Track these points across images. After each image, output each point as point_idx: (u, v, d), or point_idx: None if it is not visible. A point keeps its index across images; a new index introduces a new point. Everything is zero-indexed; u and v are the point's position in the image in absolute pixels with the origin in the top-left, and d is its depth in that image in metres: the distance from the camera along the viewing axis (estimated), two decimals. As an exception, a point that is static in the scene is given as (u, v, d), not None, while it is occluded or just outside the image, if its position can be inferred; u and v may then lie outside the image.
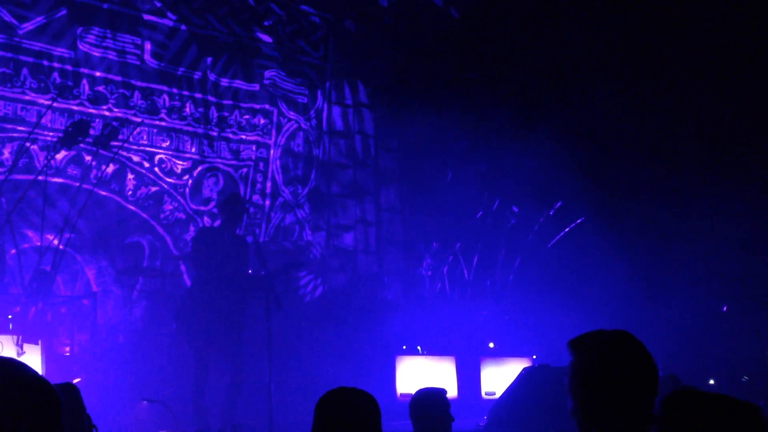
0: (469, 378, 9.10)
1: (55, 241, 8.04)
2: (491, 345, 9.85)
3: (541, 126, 10.47)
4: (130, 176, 9.46)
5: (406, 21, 11.48)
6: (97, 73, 9.38)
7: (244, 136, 10.49)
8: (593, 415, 1.97)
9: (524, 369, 7.68)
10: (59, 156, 8.77)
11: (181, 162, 9.94)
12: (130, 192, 9.44)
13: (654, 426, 1.87)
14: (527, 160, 10.35)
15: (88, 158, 8.91)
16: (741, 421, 1.86)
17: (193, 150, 10.08)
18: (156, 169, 9.70)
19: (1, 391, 1.33)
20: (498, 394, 8.29)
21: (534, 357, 9.53)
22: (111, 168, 9.21)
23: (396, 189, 11.70)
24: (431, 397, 4.11)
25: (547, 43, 11.46)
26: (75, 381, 6.34)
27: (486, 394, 9.04)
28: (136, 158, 9.54)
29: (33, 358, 6.25)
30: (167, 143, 9.86)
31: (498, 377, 9.09)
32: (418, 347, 9.49)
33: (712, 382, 9.12)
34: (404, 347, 9.40)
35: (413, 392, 4.47)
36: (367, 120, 11.67)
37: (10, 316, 6.60)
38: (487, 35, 11.43)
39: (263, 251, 6.89)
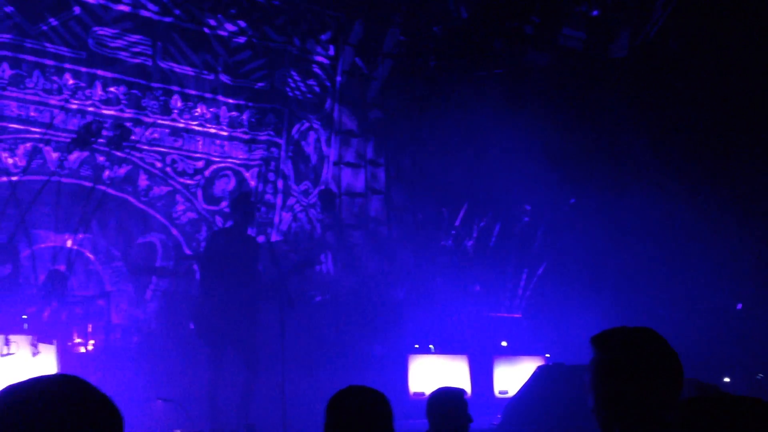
0: (482, 377, 9.07)
1: (69, 242, 8.07)
2: (504, 344, 9.81)
3: (553, 123, 10.43)
4: (143, 176, 9.49)
5: (417, 19, 11.46)
6: (110, 74, 9.41)
7: (255, 136, 10.50)
8: (616, 413, 1.94)
9: (539, 367, 7.66)
10: (72, 157, 8.80)
11: (193, 162, 9.97)
12: (143, 192, 9.47)
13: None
14: (539, 158, 10.32)
15: (101, 159, 8.94)
16: (758, 421, 1.82)
17: (205, 150, 10.10)
18: (168, 169, 9.73)
19: (66, 410, 1.32)
20: (511, 393, 8.26)
21: (547, 355, 9.49)
22: (123, 168, 9.24)
23: (407, 188, 11.68)
24: (449, 396, 4.07)
25: (554, 40, 11.41)
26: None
27: (499, 393, 9.00)
28: (148, 159, 9.57)
29: (48, 358, 6.26)
30: (179, 143, 9.89)
31: (511, 376, 9.05)
32: (431, 346, 9.46)
33: (727, 379, 9.06)
34: (416, 346, 9.37)
35: (426, 391, 4.44)
36: (377, 119, 11.66)
37: (25, 316, 6.62)
38: (495, 33, 11.39)
39: (275, 250, 6.89)
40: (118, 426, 1.38)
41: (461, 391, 4.16)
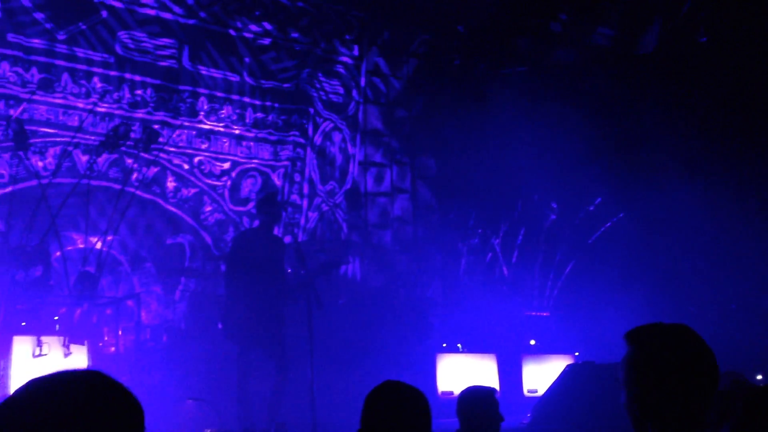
0: (510, 376, 9.03)
1: (99, 244, 8.16)
2: (532, 342, 9.76)
3: (579, 120, 10.35)
4: (171, 178, 9.57)
5: (442, 18, 11.42)
6: (137, 77, 9.49)
7: (281, 137, 10.54)
8: (650, 409, 1.91)
9: (568, 366, 7.60)
10: (101, 159, 8.90)
11: (220, 163, 10.03)
12: (171, 194, 9.55)
13: (727, 421, 1.80)
14: (565, 155, 10.24)
15: (129, 161, 9.03)
16: None
17: (231, 151, 10.15)
18: (195, 170, 9.80)
19: (88, 405, 1.34)
20: (540, 392, 8.21)
21: (576, 354, 9.42)
22: (151, 170, 9.32)
23: (432, 186, 11.66)
24: (481, 395, 4.04)
25: (583, 38, 11.33)
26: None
27: (528, 392, 8.95)
28: (176, 160, 9.65)
29: (79, 359, 6.34)
30: (206, 145, 9.95)
31: (540, 375, 9.00)
32: (458, 345, 9.43)
33: (759, 377, 8.92)
34: (444, 345, 9.35)
35: (454, 390, 4.42)
36: (402, 118, 11.65)
37: (56, 318, 6.71)
38: (520, 31, 11.33)
39: (303, 251, 6.90)
40: (139, 421, 1.39)
41: (492, 390, 4.13)
